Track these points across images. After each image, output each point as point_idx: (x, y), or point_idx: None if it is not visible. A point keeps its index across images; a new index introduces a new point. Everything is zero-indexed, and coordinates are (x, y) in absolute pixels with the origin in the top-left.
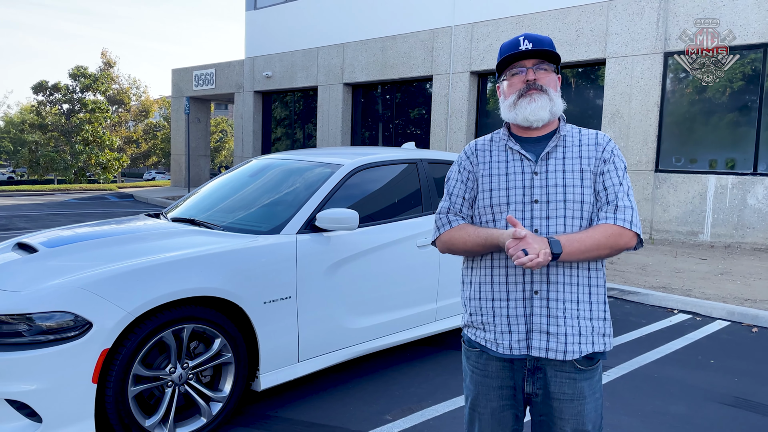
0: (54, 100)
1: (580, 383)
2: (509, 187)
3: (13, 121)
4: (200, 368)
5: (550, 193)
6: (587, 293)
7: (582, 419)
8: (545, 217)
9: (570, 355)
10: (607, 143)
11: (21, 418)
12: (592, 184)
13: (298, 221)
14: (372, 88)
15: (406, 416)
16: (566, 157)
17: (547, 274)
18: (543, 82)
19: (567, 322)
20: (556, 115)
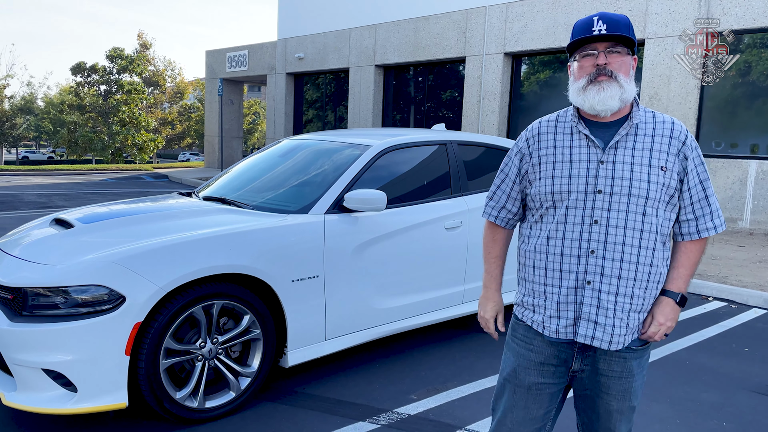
0: (92, 81)
1: (630, 362)
2: (572, 175)
3: (52, 102)
4: (229, 344)
5: (615, 185)
6: (644, 288)
7: (629, 395)
8: (607, 209)
9: (615, 345)
10: (686, 138)
11: (57, 387)
12: (660, 180)
13: (327, 201)
14: (404, 70)
15: (431, 396)
16: (636, 148)
17: (602, 266)
18: (614, 68)
19: (616, 315)
20: (626, 103)
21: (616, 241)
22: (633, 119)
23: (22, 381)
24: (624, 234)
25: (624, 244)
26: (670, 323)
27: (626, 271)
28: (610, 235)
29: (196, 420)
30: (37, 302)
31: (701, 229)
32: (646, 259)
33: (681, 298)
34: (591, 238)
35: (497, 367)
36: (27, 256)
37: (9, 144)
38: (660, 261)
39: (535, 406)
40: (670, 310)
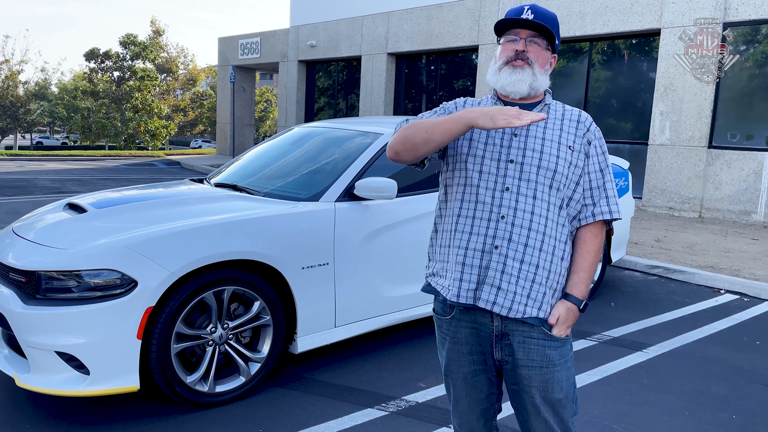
0: (105, 67)
1: (548, 351)
2: (488, 142)
3: (66, 88)
4: (240, 329)
5: (527, 156)
6: (549, 261)
7: (551, 386)
8: (518, 178)
9: (514, 313)
10: (590, 124)
11: (70, 370)
12: (568, 158)
13: (337, 189)
14: (416, 59)
15: (440, 384)
16: (547, 126)
17: (511, 232)
18: (532, 56)
19: (519, 282)
20: (537, 91)
21: (525, 209)
22: (545, 102)
23: (36, 363)
24: (533, 204)
25: (533, 213)
26: (565, 328)
27: (533, 240)
28: (519, 203)
29: (206, 404)
30: (50, 286)
31: (596, 212)
32: (554, 232)
33: (586, 305)
34: (502, 204)
35: None
36: (41, 240)
37: (23, 129)
38: (565, 237)
39: (475, 393)
40: (572, 316)
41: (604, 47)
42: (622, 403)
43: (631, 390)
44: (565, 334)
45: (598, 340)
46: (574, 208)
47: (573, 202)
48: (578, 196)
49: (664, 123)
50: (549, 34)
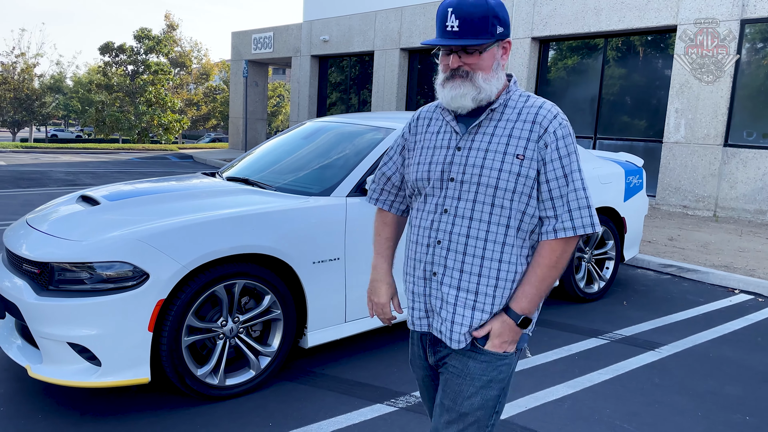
0: (119, 61)
1: (470, 362)
2: (432, 162)
3: (81, 81)
4: (250, 323)
5: (467, 173)
6: (492, 286)
7: (461, 399)
8: (456, 198)
9: (456, 344)
10: (550, 123)
11: (82, 361)
12: (515, 169)
13: (349, 184)
14: (429, 54)
15: None
16: (495, 134)
17: (446, 258)
18: (470, 67)
19: (457, 311)
20: (486, 100)
21: (461, 233)
22: (498, 102)
23: (48, 354)
24: (469, 225)
25: (468, 236)
26: (499, 343)
27: (469, 265)
28: (456, 226)
29: (216, 397)
30: (63, 277)
31: (558, 228)
32: (494, 254)
33: (523, 320)
34: (439, 228)
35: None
36: (54, 232)
37: (38, 122)
38: (515, 258)
39: (431, 395)
40: (507, 330)
41: (618, 43)
42: (634, 402)
43: (643, 389)
44: (500, 350)
45: (609, 338)
46: (529, 223)
47: (527, 217)
48: (532, 210)
49: (679, 121)
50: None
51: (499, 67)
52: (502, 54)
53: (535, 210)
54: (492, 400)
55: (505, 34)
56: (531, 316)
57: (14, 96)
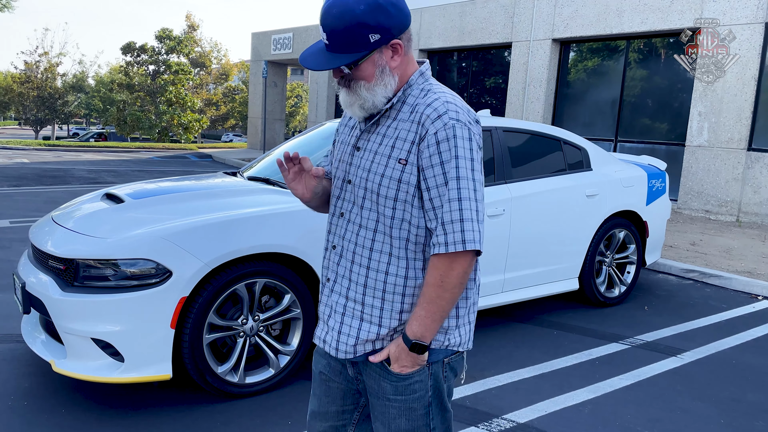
0: (141, 61)
1: (383, 383)
2: (340, 159)
3: (103, 81)
4: (270, 322)
5: (359, 176)
6: (379, 298)
7: (387, 422)
8: (351, 202)
9: (342, 354)
10: (432, 123)
11: (105, 356)
12: (396, 175)
13: None
14: (448, 55)
15: (468, 383)
16: (387, 135)
17: (338, 264)
18: (352, 77)
19: (345, 321)
20: (376, 108)
21: (350, 239)
22: (395, 99)
23: (72, 349)
24: (357, 232)
25: (356, 243)
26: (398, 366)
27: (356, 275)
28: (348, 231)
29: (236, 394)
30: (88, 273)
31: (434, 242)
32: (380, 266)
33: (417, 346)
34: (336, 232)
35: (537, 358)
36: (79, 229)
37: (61, 120)
38: (405, 272)
39: (326, 399)
40: (403, 355)
41: (640, 45)
42: (655, 408)
43: (665, 396)
44: (403, 371)
45: (630, 344)
46: (416, 234)
47: (414, 228)
48: (416, 220)
49: (702, 124)
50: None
51: (386, 72)
52: (391, 56)
53: (419, 220)
54: (420, 419)
55: (384, 39)
56: (424, 342)
57: (37, 94)
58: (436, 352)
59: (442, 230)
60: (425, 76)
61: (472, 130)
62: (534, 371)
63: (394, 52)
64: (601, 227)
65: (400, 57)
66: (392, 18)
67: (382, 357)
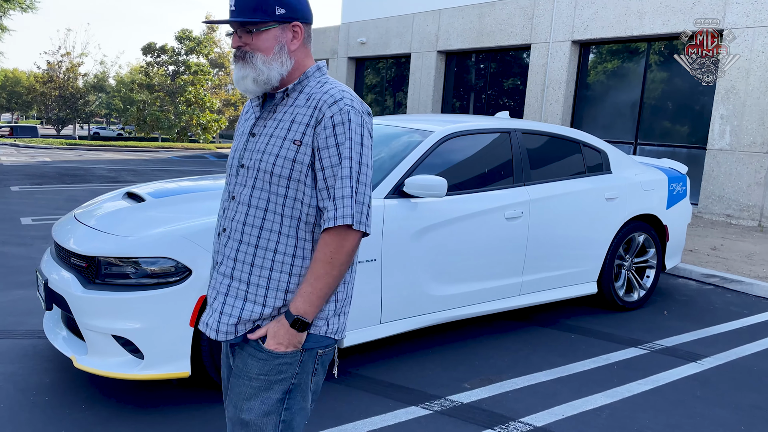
0: (161, 61)
1: (250, 360)
2: (235, 148)
3: (123, 81)
4: None
5: (253, 158)
6: (266, 277)
7: (240, 403)
8: (243, 185)
9: (222, 335)
10: (329, 107)
11: (125, 353)
12: (290, 155)
13: (387, 186)
14: (466, 57)
15: (485, 386)
16: (283, 119)
17: (226, 245)
18: (250, 47)
19: (227, 301)
20: (269, 85)
21: (239, 219)
22: (290, 88)
23: (93, 345)
24: (247, 212)
25: (245, 223)
26: (274, 343)
27: (243, 254)
28: (237, 213)
29: None
30: (109, 271)
31: (327, 218)
32: (270, 244)
33: (298, 322)
34: (226, 215)
35: (554, 362)
36: (101, 227)
37: (82, 120)
38: (293, 250)
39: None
40: (282, 332)
41: (662, 47)
42: (675, 414)
43: (684, 401)
44: (278, 349)
45: (649, 348)
46: (307, 213)
47: (305, 207)
48: (308, 199)
49: (724, 127)
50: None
51: (284, 51)
52: (291, 38)
53: (311, 199)
54: (274, 405)
55: (289, 17)
56: (307, 318)
57: (59, 94)
58: (313, 339)
59: (332, 205)
60: (322, 71)
61: (365, 119)
62: (551, 375)
63: (294, 35)
64: (621, 231)
65: (299, 42)
66: (298, 2)
67: (261, 333)
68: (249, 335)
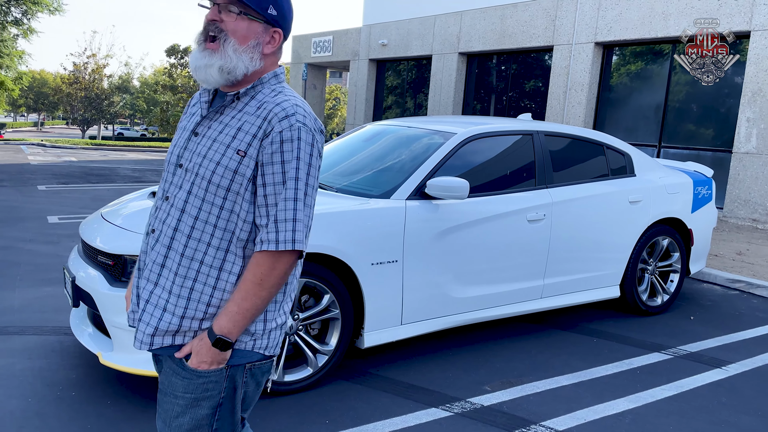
0: (184, 63)
1: (174, 378)
2: (175, 144)
3: (147, 82)
4: (309, 321)
5: (193, 161)
6: (188, 288)
7: (168, 419)
8: (179, 186)
9: (138, 344)
10: (279, 122)
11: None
12: (232, 165)
13: (408, 187)
14: (487, 59)
15: (506, 389)
16: (229, 124)
17: (153, 249)
18: (225, 27)
19: (147, 309)
20: (232, 76)
21: (170, 224)
22: (243, 90)
23: (119, 342)
24: (179, 218)
25: (176, 229)
26: (197, 361)
27: (171, 261)
28: (170, 216)
29: (275, 391)
30: None
31: (263, 239)
32: (197, 254)
33: (220, 341)
34: (157, 216)
35: (576, 366)
36: (127, 226)
37: (106, 121)
38: (221, 263)
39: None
40: (204, 350)
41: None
42: (699, 420)
43: (709, 408)
44: (200, 367)
45: (673, 354)
46: (241, 228)
47: (240, 222)
48: (245, 214)
49: (750, 130)
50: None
51: (257, 49)
52: (268, 41)
53: (248, 214)
54: (205, 419)
55: (276, 21)
56: (230, 339)
57: (85, 95)
58: (240, 354)
59: (274, 227)
60: (279, 78)
61: (316, 138)
62: (573, 379)
63: (271, 40)
64: (644, 234)
65: (273, 48)
66: (287, 13)
67: (185, 352)
68: (176, 354)
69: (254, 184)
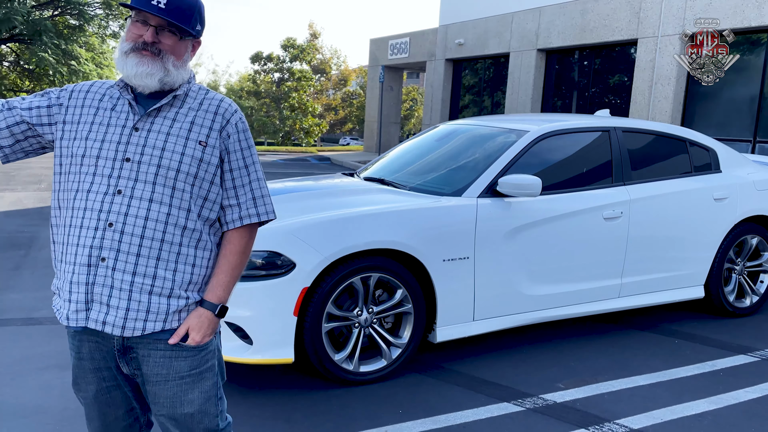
0: (267, 69)
1: (175, 362)
2: (105, 140)
3: (233, 88)
4: (383, 314)
5: (146, 153)
6: (172, 270)
7: (179, 402)
8: (134, 179)
9: (129, 331)
10: (232, 116)
11: (236, 339)
12: (197, 155)
13: (480, 185)
14: (568, 54)
15: (580, 387)
16: (177, 119)
17: (120, 241)
18: (165, 48)
19: (133, 297)
20: (169, 86)
21: (139, 215)
22: (180, 91)
23: None
24: (148, 207)
25: (147, 218)
26: (200, 337)
27: (147, 249)
28: (132, 207)
29: (350, 381)
30: None
31: (243, 215)
32: (174, 238)
33: (224, 309)
34: (112, 210)
35: (654, 366)
36: None
37: None
38: (196, 242)
39: (111, 410)
40: (206, 323)
41: None
42: None
43: None
44: (202, 342)
45: (760, 356)
46: (211, 210)
47: (209, 203)
48: (214, 196)
49: None
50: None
51: (186, 60)
52: (192, 51)
53: (217, 197)
54: (211, 389)
55: (199, 34)
56: (227, 304)
57: None
58: None
59: (253, 204)
60: (194, 80)
61: None
62: (651, 379)
63: (193, 50)
64: (731, 233)
65: (192, 56)
66: (204, 25)
67: (180, 334)
68: (170, 340)
69: (221, 169)
